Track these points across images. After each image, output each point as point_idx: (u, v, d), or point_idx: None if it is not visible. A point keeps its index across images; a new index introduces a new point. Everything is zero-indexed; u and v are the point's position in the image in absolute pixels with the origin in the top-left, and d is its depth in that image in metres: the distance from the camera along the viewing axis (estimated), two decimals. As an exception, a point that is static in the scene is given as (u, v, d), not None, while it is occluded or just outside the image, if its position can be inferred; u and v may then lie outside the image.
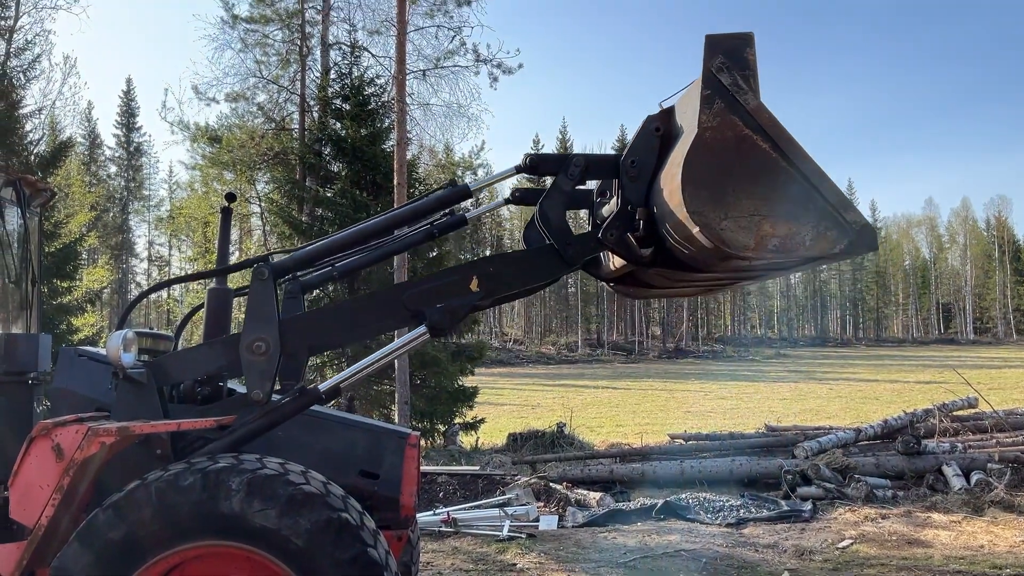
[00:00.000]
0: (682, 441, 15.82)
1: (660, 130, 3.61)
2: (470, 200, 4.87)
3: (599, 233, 3.76)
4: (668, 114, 3.61)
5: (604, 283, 4.62)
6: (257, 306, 3.92)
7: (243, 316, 4.03)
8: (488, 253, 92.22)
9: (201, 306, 4.66)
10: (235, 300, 4.83)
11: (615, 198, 3.82)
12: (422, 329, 3.89)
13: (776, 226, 3.21)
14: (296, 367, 4.09)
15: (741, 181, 3.25)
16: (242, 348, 3.87)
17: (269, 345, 3.84)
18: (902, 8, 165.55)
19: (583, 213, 4.41)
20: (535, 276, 4.01)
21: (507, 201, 4.24)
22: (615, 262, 4.02)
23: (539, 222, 3.88)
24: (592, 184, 4.16)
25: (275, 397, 3.93)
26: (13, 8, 22.59)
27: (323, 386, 3.93)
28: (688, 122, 3.40)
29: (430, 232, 4.44)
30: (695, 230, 3.20)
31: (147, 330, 5.00)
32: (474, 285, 3.91)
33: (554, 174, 3.86)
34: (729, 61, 3.31)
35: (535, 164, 3.90)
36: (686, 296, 4.99)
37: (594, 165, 3.85)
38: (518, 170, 3.99)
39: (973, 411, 16.93)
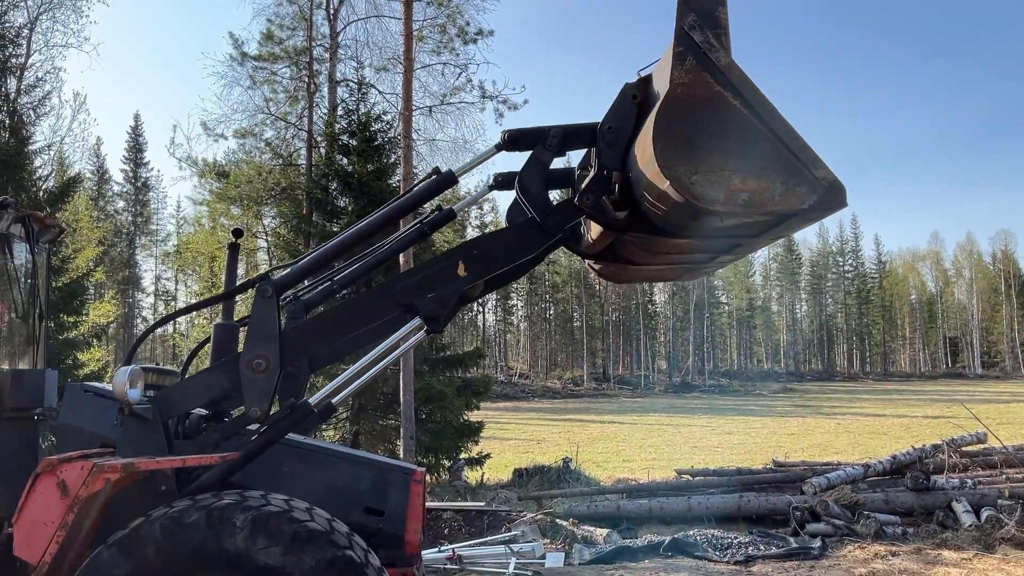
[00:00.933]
0: (689, 477, 15.70)
1: (637, 97, 3.67)
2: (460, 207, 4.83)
3: (575, 199, 3.80)
4: (646, 82, 3.66)
5: (586, 262, 4.61)
6: (259, 323, 3.92)
7: None
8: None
9: (208, 340, 4.66)
10: (241, 332, 4.82)
11: (593, 166, 3.86)
12: (416, 322, 3.88)
13: (746, 181, 3.23)
14: (297, 386, 4.04)
15: (712, 137, 3.28)
16: (242, 365, 3.86)
17: (269, 362, 3.84)
18: (905, 44, 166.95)
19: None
20: (519, 252, 4.03)
21: (491, 188, 4.23)
22: (593, 234, 4.04)
23: (519, 193, 3.92)
24: (575, 163, 4.21)
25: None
26: (24, 46, 22.92)
27: (315, 399, 3.92)
28: (663, 86, 3.43)
29: (421, 230, 4.40)
30: (666, 184, 3.22)
31: (153, 366, 5.02)
32: (461, 270, 3.93)
33: (533, 147, 3.91)
34: (701, 19, 3.36)
35: (514, 139, 3.94)
36: (666, 279, 4.98)
37: (572, 135, 3.89)
38: (498, 148, 4.02)
39: (982, 446, 16.80)
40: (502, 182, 4.13)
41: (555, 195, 4.14)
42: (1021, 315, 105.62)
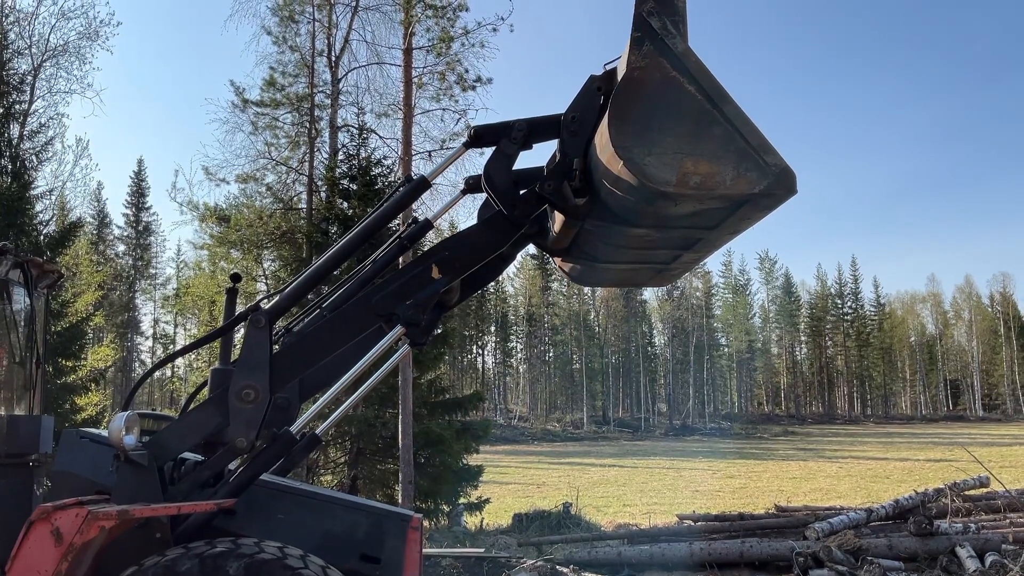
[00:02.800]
0: (691, 522, 15.55)
1: (601, 89, 3.74)
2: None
3: (537, 186, 3.87)
4: (611, 75, 3.73)
5: (555, 263, 4.70)
6: (249, 354, 3.92)
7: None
8: (498, 321, 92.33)
9: (205, 384, 4.64)
10: None
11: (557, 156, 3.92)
12: (398, 331, 3.91)
13: (698, 164, 3.29)
14: (288, 419, 4.01)
15: (666, 120, 3.35)
16: (231, 396, 3.85)
17: (258, 392, 3.83)
18: (906, 81, 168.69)
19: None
20: (489, 247, 4.08)
21: (463, 192, 4.29)
22: (557, 226, 4.11)
23: (485, 186, 3.97)
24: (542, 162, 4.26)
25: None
26: (28, 93, 23.17)
27: (295, 426, 3.90)
28: (622, 71, 3.51)
29: (401, 244, 4.43)
30: (620, 165, 3.28)
31: (149, 411, 4.99)
32: (435, 273, 3.98)
33: (499, 142, 3.97)
34: (659, 6, 3.44)
35: (479, 135, 4.00)
36: (633, 283, 5.03)
37: (537, 127, 3.95)
38: (466, 146, 4.10)
39: (985, 490, 16.67)
40: (474, 184, 4.20)
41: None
42: (1021, 357, 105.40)
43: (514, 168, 4.03)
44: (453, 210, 4.58)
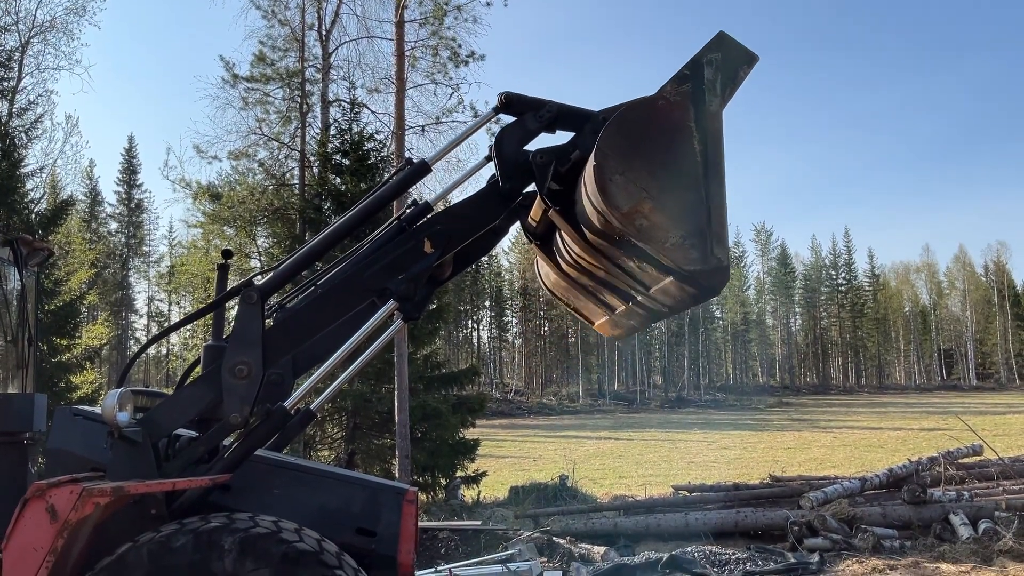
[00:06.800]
0: (686, 492, 15.65)
1: None
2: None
3: (531, 155, 3.86)
4: None
5: (535, 263, 4.75)
6: (242, 329, 3.91)
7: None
8: (492, 296, 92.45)
9: (198, 362, 4.63)
10: None
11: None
12: (390, 305, 3.90)
13: (653, 212, 3.27)
14: (282, 394, 4.01)
15: (655, 157, 3.33)
16: (224, 371, 3.84)
17: (251, 368, 3.82)
18: (900, 53, 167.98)
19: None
20: (481, 222, 4.07)
21: (487, 159, 4.18)
22: (536, 211, 4.09)
23: (493, 151, 3.95)
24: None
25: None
26: (16, 69, 22.96)
27: (289, 400, 3.90)
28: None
29: (400, 226, 4.41)
30: (591, 164, 3.29)
31: (143, 388, 4.98)
32: (427, 247, 3.98)
33: (524, 113, 3.95)
34: (722, 63, 3.41)
35: (509, 102, 3.97)
36: (582, 314, 5.06)
37: (566, 116, 3.93)
38: (495, 111, 4.04)
39: (978, 458, 16.81)
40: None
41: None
42: (1015, 326, 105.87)
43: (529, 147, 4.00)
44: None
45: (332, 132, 21.86)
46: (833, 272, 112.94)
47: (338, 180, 19.93)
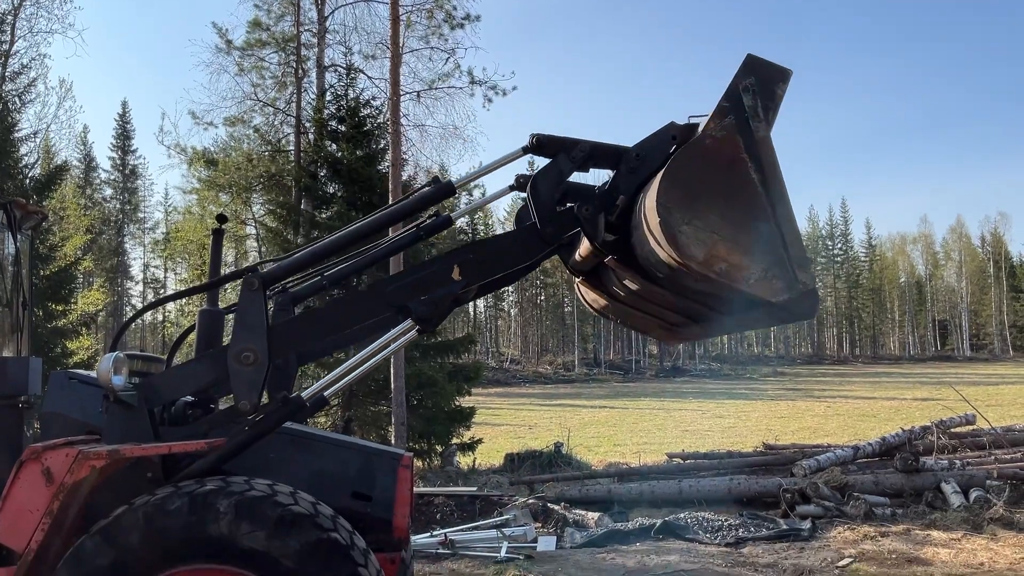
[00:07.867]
0: (680, 460, 15.75)
1: (676, 139, 3.63)
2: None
3: (576, 207, 3.78)
4: (690, 129, 3.63)
5: (575, 283, 4.63)
6: (246, 316, 3.89)
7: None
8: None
9: (193, 328, 4.63)
10: (227, 319, 4.79)
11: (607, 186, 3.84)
12: (408, 323, 3.86)
13: (730, 252, 3.23)
14: (286, 378, 4.04)
15: (716, 197, 3.28)
16: (230, 358, 3.84)
17: (257, 355, 3.81)
18: (896, 23, 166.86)
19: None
20: (515, 259, 4.00)
21: (511, 188, 4.09)
22: (583, 250, 4.02)
23: (529, 193, 3.88)
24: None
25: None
26: (8, 33, 22.69)
27: (307, 393, 3.90)
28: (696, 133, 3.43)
29: (417, 234, 4.37)
30: (656, 221, 3.21)
31: (138, 352, 4.99)
32: (456, 274, 3.90)
33: (557, 155, 3.88)
34: (758, 86, 3.35)
35: (541, 143, 3.89)
36: (640, 329, 4.96)
37: (599, 153, 3.86)
38: (525, 151, 3.96)
39: (971, 428, 16.90)
40: (523, 183, 4.03)
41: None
42: (1010, 297, 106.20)
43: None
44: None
45: (328, 98, 21.67)
46: (830, 243, 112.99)
47: (334, 146, 19.79)
